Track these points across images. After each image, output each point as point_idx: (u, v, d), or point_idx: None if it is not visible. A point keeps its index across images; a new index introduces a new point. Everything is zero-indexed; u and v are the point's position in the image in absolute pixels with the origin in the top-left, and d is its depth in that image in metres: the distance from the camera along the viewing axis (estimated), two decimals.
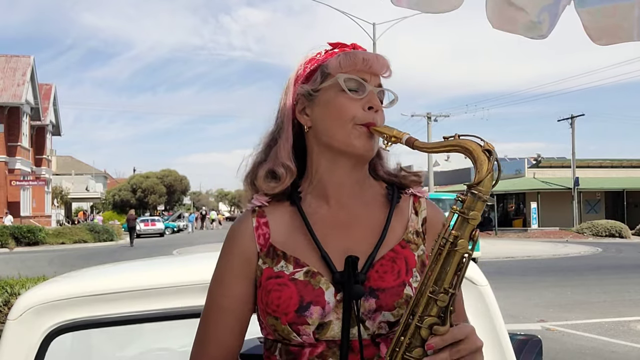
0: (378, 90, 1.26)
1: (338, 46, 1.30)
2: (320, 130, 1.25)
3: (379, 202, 1.29)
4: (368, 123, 1.21)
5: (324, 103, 1.24)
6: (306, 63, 1.30)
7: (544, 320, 9.55)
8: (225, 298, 1.25)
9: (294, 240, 1.23)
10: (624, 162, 42.60)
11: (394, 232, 1.24)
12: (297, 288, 1.16)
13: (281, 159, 1.26)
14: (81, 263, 17.17)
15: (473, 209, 1.08)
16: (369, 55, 1.25)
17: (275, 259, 1.21)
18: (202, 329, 1.28)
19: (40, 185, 37.77)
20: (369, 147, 1.23)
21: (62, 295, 1.79)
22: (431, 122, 36.84)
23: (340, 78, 1.23)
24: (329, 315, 1.14)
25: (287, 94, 1.30)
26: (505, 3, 1.72)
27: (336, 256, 1.19)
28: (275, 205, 1.28)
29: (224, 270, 1.27)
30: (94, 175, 64.92)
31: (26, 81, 35.83)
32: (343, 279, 1.15)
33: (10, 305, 5.05)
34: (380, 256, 1.20)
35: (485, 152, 1.09)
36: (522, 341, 2.41)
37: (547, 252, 23.10)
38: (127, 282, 1.87)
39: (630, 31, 1.70)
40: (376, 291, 1.16)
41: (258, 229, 1.26)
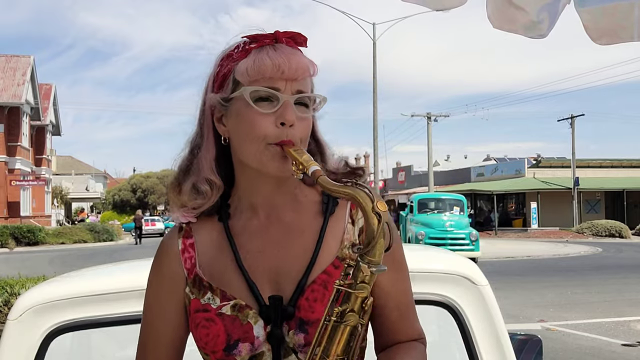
0: (296, 97, 1.10)
1: (256, 39, 1.12)
2: (235, 146, 1.14)
3: (313, 213, 1.17)
4: (282, 141, 1.08)
5: (236, 115, 1.11)
6: (222, 61, 1.15)
7: (544, 320, 9.55)
8: (157, 321, 1.19)
9: (220, 266, 1.14)
10: (624, 162, 42.60)
11: (327, 249, 1.13)
12: (224, 324, 1.09)
13: (204, 173, 1.15)
14: (81, 263, 17.17)
15: (362, 280, 0.98)
16: (280, 60, 1.08)
17: (202, 290, 1.14)
18: (138, 352, 1.22)
19: (40, 185, 37.78)
20: (282, 168, 1.09)
21: (62, 295, 1.79)
22: (431, 122, 36.84)
23: (246, 91, 1.08)
24: (260, 347, 1.08)
25: (206, 98, 1.16)
26: (506, 2, 1.72)
27: (265, 282, 1.12)
28: (203, 221, 1.19)
29: (155, 293, 1.20)
30: (93, 175, 64.96)
31: (26, 81, 35.84)
32: (269, 315, 1.08)
33: (10, 305, 5.05)
34: (312, 280, 1.10)
35: (375, 214, 0.97)
36: (522, 341, 2.41)
37: (547, 252, 23.10)
38: (127, 282, 1.87)
39: (631, 31, 1.70)
40: (305, 325, 1.07)
41: (184, 251, 1.18)
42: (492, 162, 50.46)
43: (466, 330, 1.85)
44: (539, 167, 41.22)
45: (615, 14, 1.71)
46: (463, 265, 1.93)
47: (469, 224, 19.04)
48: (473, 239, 18.03)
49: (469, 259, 2.05)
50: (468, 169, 46.40)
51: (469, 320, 1.85)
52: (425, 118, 37.00)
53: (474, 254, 16.88)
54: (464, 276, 1.88)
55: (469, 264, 1.95)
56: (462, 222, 18.61)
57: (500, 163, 46.93)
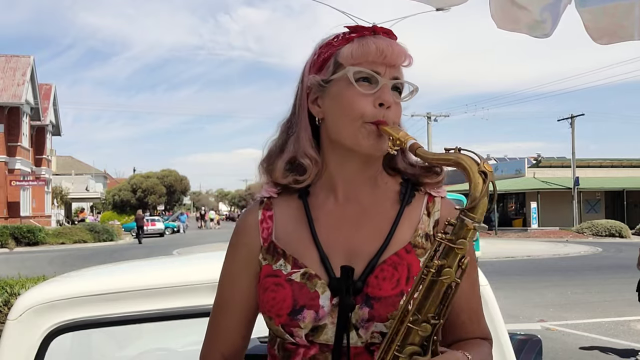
0: (394, 82, 1.17)
1: (356, 30, 1.19)
2: (330, 124, 1.19)
3: (391, 199, 1.22)
4: (378, 121, 1.14)
5: (334, 96, 1.17)
6: (321, 48, 1.22)
7: (544, 320, 9.55)
8: (231, 291, 1.24)
9: (295, 238, 1.19)
10: (624, 162, 42.59)
11: (401, 234, 1.17)
12: (292, 290, 1.13)
13: (304, 148, 1.20)
14: (81, 263, 17.17)
15: (462, 236, 1.01)
16: (384, 44, 1.15)
17: (275, 257, 1.19)
18: (211, 323, 1.27)
19: (40, 185, 37.76)
20: (377, 147, 1.15)
21: (62, 295, 1.79)
22: (431, 121, 36.84)
23: (350, 71, 1.15)
24: (324, 319, 1.11)
25: (303, 82, 1.23)
26: (509, 2, 1.72)
27: (337, 257, 1.15)
28: (283, 197, 1.25)
29: (231, 263, 1.26)
30: (93, 175, 64.92)
31: (26, 81, 35.82)
32: (340, 286, 1.11)
33: (10, 305, 5.05)
34: (382, 260, 1.14)
35: (481, 174, 1.02)
36: (522, 341, 2.41)
37: (547, 252, 23.09)
38: (127, 282, 1.87)
39: (631, 30, 1.70)
40: (371, 300, 1.10)
41: (263, 222, 1.23)
42: (492, 162, 50.47)
43: None
44: (539, 167, 41.22)
45: (615, 13, 1.71)
46: None
47: None
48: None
49: None
50: None
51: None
52: (425, 118, 37.00)
53: None
54: None
55: None
56: None
57: (500, 163, 46.93)
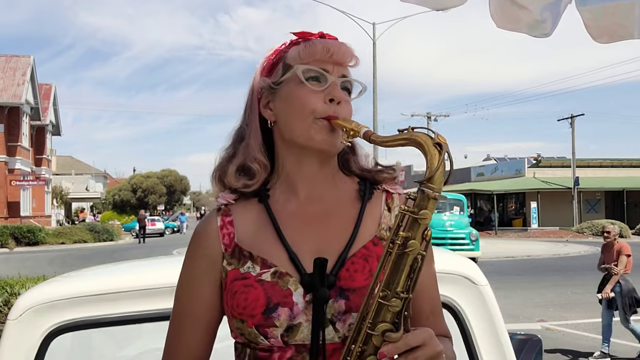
0: (342, 80, 1.20)
1: (302, 36, 1.23)
2: (282, 125, 1.21)
3: (351, 198, 1.24)
4: (329, 116, 1.16)
5: (285, 96, 1.20)
6: (270, 55, 1.25)
7: (544, 320, 9.56)
8: (192, 303, 1.21)
9: (261, 240, 1.18)
10: (624, 161, 42.57)
11: (366, 229, 1.20)
12: (264, 289, 1.12)
13: (253, 153, 1.22)
14: (81, 263, 17.17)
15: (424, 207, 1.03)
16: (330, 44, 1.19)
17: (242, 260, 1.17)
18: (171, 336, 1.24)
19: (40, 185, 37.75)
20: (330, 141, 1.17)
21: (62, 295, 1.79)
22: (431, 121, 36.86)
23: (299, 69, 1.18)
24: (298, 317, 1.10)
25: (253, 88, 1.26)
26: (509, 2, 1.72)
27: (305, 255, 1.15)
28: (241, 202, 1.24)
29: (190, 274, 1.23)
30: (93, 175, 64.94)
31: (26, 81, 35.81)
32: (312, 281, 1.11)
33: (10, 305, 5.05)
34: (352, 254, 1.15)
35: (436, 146, 1.04)
36: (522, 341, 2.41)
37: (547, 252, 23.09)
38: (127, 282, 1.87)
39: (632, 29, 1.70)
40: (346, 292, 1.11)
41: (222, 228, 1.22)
42: (492, 162, 50.46)
43: (466, 330, 1.85)
44: (539, 166, 41.20)
45: (616, 13, 1.71)
46: (463, 265, 1.93)
47: (469, 224, 19.03)
48: (473, 239, 18.01)
49: (469, 258, 2.05)
50: (468, 168, 46.37)
51: (469, 320, 1.85)
52: (425, 118, 37.03)
53: (474, 254, 16.87)
54: (464, 276, 1.88)
55: (469, 264, 1.95)
56: (462, 222, 18.59)
57: (500, 163, 46.92)
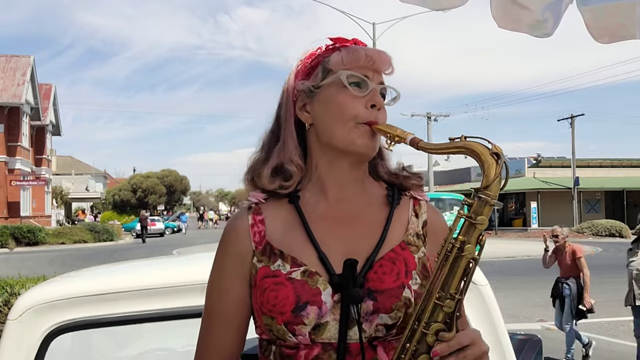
0: (380, 87, 1.23)
1: (339, 41, 1.26)
2: (321, 128, 1.23)
3: (379, 202, 1.27)
4: (370, 121, 1.19)
5: (325, 100, 1.22)
6: (306, 58, 1.27)
7: (544, 320, 9.55)
8: (223, 301, 1.23)
9: (291, 239, 1.20)
10: (624, 161, 42.57)
11: (394, 233, 1.22)
12: (293, 287, 1.13)
13: (290, 155, 1.24)
14: (81, 263, 17.16)
15: (480, 213, 1.06)
16: (372, 52, 1.22)
17: (272, 258, 1.19)
18: (202, 334, 1.26)
19: (40, 185, 37.74)
20: (371, 146, 1.21)
21: (62, 295, 1.79)
22: (431, 121, 36.85)
23: (343, 75, 1.20)
24: (326, 316, 1.12)
25: (288, 90, 1.27)
26: (510, 2, 1.72)
27: (334, 256, 1.16)
28: (272, 202, 1.25)
29: (221, 272, 1.24)
30: (93, 175, 64.92)
31: (26, 81, 35.80)
32: (342, 282, 1.12)
33: (10, 305, 5.04)
34: (380, 257, 1.18)
35: (493, 155, 1.06)
36: (522, 341, 2.41)
37: None
38: (127, 282, 1.87)
39: (633, 29, 1.70)
40: (374, 293, 1.14)
41: (254, 226, 1.23)
42: None
43: None
44: (539, 166, 41.20)
45: (616, 13, 1.71)
46: None
47: None
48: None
49: None
50: (468, 168, 46.34)
51: (468, 320, 1.85)
52: (425, 118, 37.01)
53: None
54: None
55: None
56: None
57: None
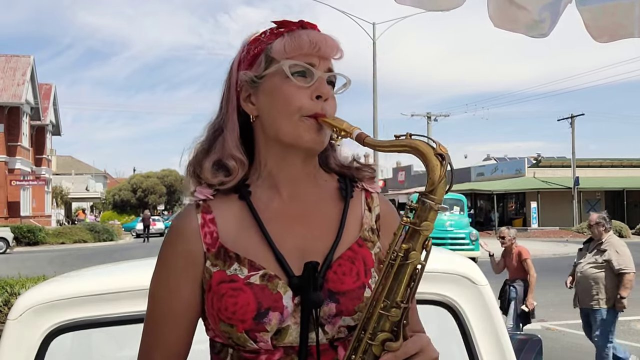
0: (328, 75, 1.15)
1: (284, 25, 1.17)
2: (266, 121, 1.15)
3: (332, 196, 1.21)
4: (316, 114, 1.12)
5: (269, 91, 1.14)
6: (249, 44, 1.18)
7: (544, 320, 9.55)
8: (171, 303, 1.16)
9: (245, 240, 1.14)
10: (624, 161, 42.56)
11: (350, 230, 1.17)
12: (253, 293, 1.08)
13: (229, 150, 1.16)
14: (81, 263, 17.16)
15: (425, 218, 1.02)
16: (317, 37, 1.14)
17: (228, 261, 1.12)
18: (147, 336, 1.19)
19: (40, 185, 37.75)
20: (318, 140, 1.13)
21: (62, 295, 1.79)
22: (431, 121, 36.86)
23: (285, 64, 1.12)
24: (287, 320, 1.08)
25: (231, 80, 1.20)
26: (507, 2, 1.72)
27: (292, 256, 1.12)
28: (221, 198, 1.18)
29: (168, 272, 1.17)
30: (93, 175, 64.96)
31: (26, 81, 35.80)
32: (301, 284, 1.08)
33: (10, 305, 5.04)
34: (338, 256, 1.13)
35: (437, 157, 1.01)
36: (522, 341, 2.41)
37: (547, 252, 23.09)
38: (127, 282, 1.87)
39: (632, 28, 1.70)
40: (335, 295, 1.10)
41: (204, 226, 1.16)
42: (492, 162, 50.42)
43: (466, 330, 1.85)
44: (539, 166, 41.18)
45: (615, 12, 1.71)
46: (463, 265, 1.93)
47: (469, 224, 19.04)
48: (473, 239, 18.01)
49: (469, 258, 2.05)
50: (468, 168, 46.35)
51: (468, 320, 1.85)
52: (425, 118, 37.03)
53: (474, 254, 16.85)
54: (464, 276, 1.88)
55: (469, 264, 1.95)
56: (462, 222, 18.60)
57: (500, 163, 46.89)
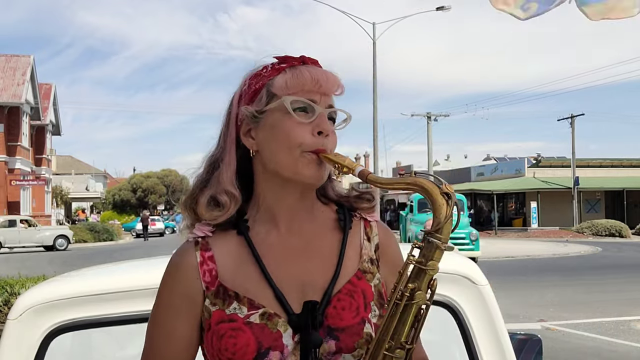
0: (329, 111, 1.17)
1: (286, 61, 1.19)
2: (266, 156, 1.16)
3: (330, 228, 1.21)
4: (317, 150, 1.13)
5: (270, 127, 1.15)
6: (250, 79, 1.20)
7: (544, 320, 9.56)
8: (168, 343, 1.16)
9: (244, 277, 1.14)
10: (624, 161, 42.57)
11: (349, 262, 1.17)
12: (253, 333, 1.08)
13: (223, 184, 1.16)
14: (81, 263, 17.17)
15: (431, 258, 1.02)
16: (318, 74, 1.15)
17: (227, 300, 1.12)
18: None
19: (40, 185, 37.74)
20: (318, 175, 1.14)
21: (62, 295, 1.79)
22: (431, 121, 36.87)
23: (287, 100, 1.13)
24: (288, 358, 1.08)
25: (231, 113, 1.20)
26: None
27: (291, 292, 1.12)
28: (219, 235, 1.18)
29: (165, 311, 1.17)
30: (93, 175, 64.95)
31: (26, 81, 35.79)
32: (300, 322, 1.09)
33: (10, 305, 5.05)
34: (337, 290, 1.13)
35: (444, 195, 1.02)
36: (522, 341, 2.41)
37: (547, 252, 23.10)
38: (127, 282, 1.87)
39: (632, 9, 1.70)
40: (335, 331, 1.09)
41: (203, 264, 1.16)
42: (492, 162, 50.49)
43: (466, 330, 1.85)
44: (539, 166, 41.20)
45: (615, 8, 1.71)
46: (463, 265, 1.93)
47: (469, 224, 19.04)
48: (473, 239, 18.02)
49: (469, 258, 2.05)
50: (468, 168, 46.40)
51: (469, 320, 1.85)
52: (425, 118, 37.03)
53: (474, 254, 16.87)
54: (464, 276, 1.88)
55: (469, 264, 1.95)
56: (462, 222, 18.59)
57: (500, 163, 46.92)
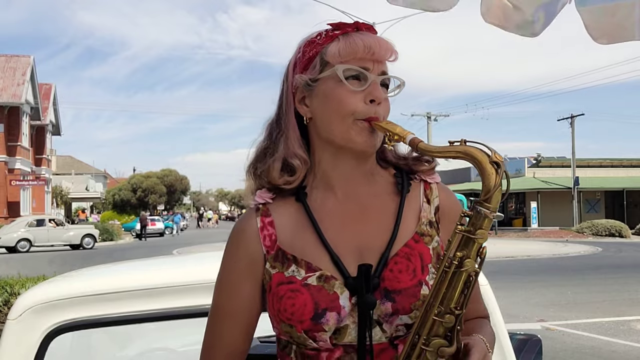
0: (382, 78, 1.17)
1: (339, 27, 1.18)
2: (319, 124, 1.18)
3: (389, 192, 1.22)
4: (370, 117, 1.14)
5: (323, 95, 1.16)
6: (305, 47, 1.20)
7: (544, 319, 9.55)
8: (231, 301, 1.21)
9: (302, 241, 1.17)
10: (624, 161, 42.58)
11: (406, 225, 1.18)
12: (310, 294, 1.11)
13: (293, 148, 1.18)
14: (81, 263, 17.16)
15: (480, 226, 1.01)
16: (371, 41, 1.15)
17: (285, 263, 1.15)
18: (209, 334, 1.23)
19: (40, 185, 37.74)
20: (370, 143, 1.15)
21: (62, 295, 1.79)
22: (431, 121, 36.87)
23: (339, 69, 1.14)
24: (345, 319, 1.10)
25: (287, 81, 1.22)
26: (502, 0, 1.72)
27: (348, 256, 1.14)
28: (279, 201, 1.21)
29: (229, 273, 1.22)
30: (93, 175, 64.90)
31: (26, 81, 35.79)
32: (357, 285, 1.10)
33: (10, 305, 5.04)
34: (394, 253, 1.14)
35: (493, 165, 1.02)
36: (522, 341, 2.41)
37: (547, 252, 23.09)
38: (127, 282, 1.87)
39: (632, 31, 1.70)
40: (392, 293, 1.10)
41: (263, 229, 1.20)
42: None
43: None
44: (539, 166, 41.20)
45: (616, 14, 1.71)
46: None
47: None
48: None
49: None
50: (468, 168, 46.29)
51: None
52: (425, 118, 37.04)
53: None
54: None
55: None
56: None
57: None
